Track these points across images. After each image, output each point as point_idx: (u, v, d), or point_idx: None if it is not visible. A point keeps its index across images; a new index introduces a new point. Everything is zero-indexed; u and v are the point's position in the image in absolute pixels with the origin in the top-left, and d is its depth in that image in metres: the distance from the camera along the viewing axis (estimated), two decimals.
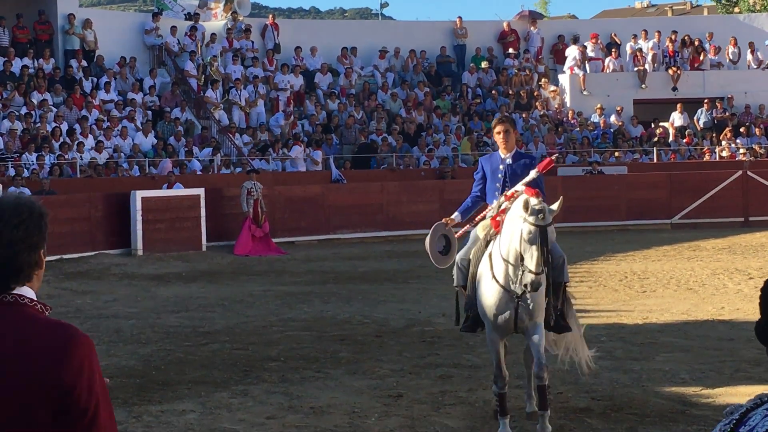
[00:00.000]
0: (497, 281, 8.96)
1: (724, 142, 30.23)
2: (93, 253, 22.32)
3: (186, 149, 26.29)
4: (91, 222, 22.71)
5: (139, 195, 23.10)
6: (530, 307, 8.93)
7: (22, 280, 3.27)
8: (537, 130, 29.96)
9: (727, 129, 30.53)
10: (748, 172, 28.08)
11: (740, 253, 22.34)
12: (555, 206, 8.65)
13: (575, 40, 31.97)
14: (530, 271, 8.52)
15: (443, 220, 9.94)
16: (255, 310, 16.20)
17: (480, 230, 9.41)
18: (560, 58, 32.41)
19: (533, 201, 8.59)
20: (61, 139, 24.86)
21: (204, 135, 26.91)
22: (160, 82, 28.34)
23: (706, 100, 31.07)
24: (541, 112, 30.80)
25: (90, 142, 25.30)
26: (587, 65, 31.62)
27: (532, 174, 9.18)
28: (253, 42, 30.20)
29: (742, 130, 30.51)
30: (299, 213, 25.38)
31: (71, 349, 3.19)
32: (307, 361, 12.32)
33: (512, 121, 10.06)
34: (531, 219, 8.52)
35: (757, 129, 30.59)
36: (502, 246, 8.88)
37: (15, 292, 3.26)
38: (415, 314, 15.51)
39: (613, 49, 32.04)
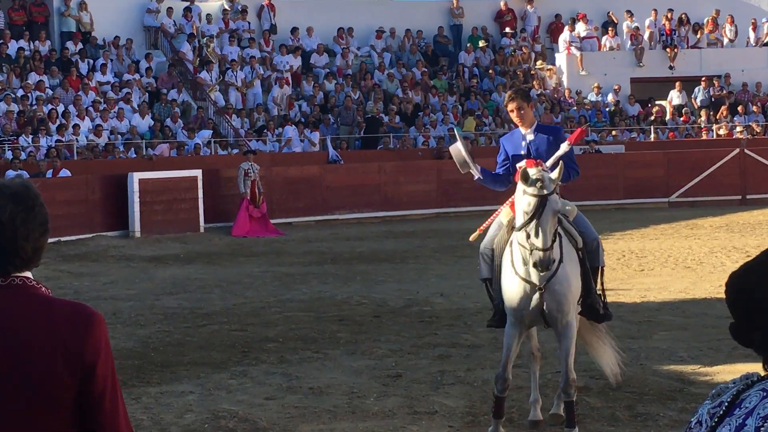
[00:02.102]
0: (516, 272, 8.24)
1: (721, 120, 30.21)
2: (90, 236, 22.31)
3: (186, 131, 26.25)
4: (88, 204, 22.69)
5: (136, 177, 23.07)
6: (557, 298, 8.17)
7: (35, 262, 3.30)
8: (534, 109, 29.91)
9: (724, 107, 30.51)
10: (746, 150, 28.06)
11: (738, 231, 22.35)
12: (554, 174, 7.98)
13: (572, 24, 31.84)
14: (537, 248, 7.82)
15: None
16: (253, 291, 16.21)
17: (504, 215, 8.64)
18: (557, 37, 32.35)
19: (531, 171, 7.96)
20: (58, 122, 24.82)
21: (200, 116, 26.86)
22: (156, 63, 28.27)
23: (703, 78, 31.03)
24: (538, 92, 30.76)
25: (87, 124, 25.27)
26: (581, 44, 31.54)
27: (564, 147, 8.42)
28: (249, 23, 30.12)
29: (739, 108, 30.48)
30: (297, 194, 25.37)
31: (92, 328, 3.24)
32: (305, 341, 12.34)
33: (525, 94, 8.94)
34: (530, 190, 7.87)
35: (754, 107, 30.57)
36: (518, 231, 8.13)
37: (21, 275, 3.27)
38: (414, 294, 15.52)
39: (610, 28, 31.99)
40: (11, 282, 3.25)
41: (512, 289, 8.28)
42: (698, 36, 32.03)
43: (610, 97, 30.73)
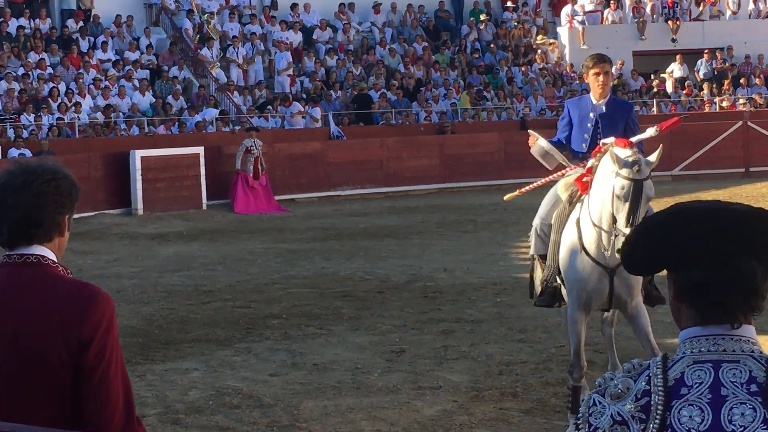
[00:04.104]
0: (587, 253, 7.81)
1: (724, 93, 30.13)
2: (93, 213, 22.30)
3: (189, 105, 26.22)
4: (90, 182, 22.64)
5: (138, 154, 23.07)
6: (629, 281, 7.77)
7: (41, 234, 3.40)
8: (536, 83, 29.86)
9: (727, 80, 30.41)
10: (749, 123, 28.00)
11: None
12: (653, 157, 7.50)
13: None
14: (624, 234, 7.24)
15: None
16: (256, 267, 16.21)
17: (562, 189, 8.23)
18: (559, 11, 32.23)
19: (625, 152, 7.47)
20: (59, 100, 24.79)
21: (201, 93, 26.81)
22: (156, 40, 28.20)
23: (705, 51, 30.92)
24: (540, 66, 30.68)
25: (88, 102, 25.23)
26: (586, 18, 31.43)
27: (651, 132, 8.00)
28: None
29: (742, 80, 30.39)
30: (299, 170, 25.35)
31: (92, 305, 3.34)
32: (309, 318, 12.35)
33: (611, 60, 8.56)
34: (624, 172, 7.38)
35: (757, 79, 30.47)
36: (593, 210, 7.72)
37: (37, 252, 3.39)
38: (417, 270, 15.52)
39: (612, 1, 31.86)
40: (26, 260, 3.39)
41: (582, 271, 7.87)
42: (700, 8, 31.91)
43: (613, 70, 30.61)
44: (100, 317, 3.34)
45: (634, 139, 7.93)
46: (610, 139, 7.77)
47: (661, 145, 7.78)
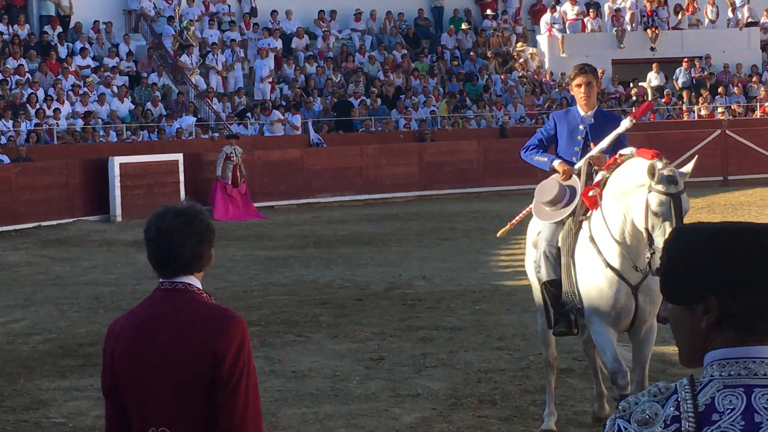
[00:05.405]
0: (612, 268, 7.39)
1: (702, 101, 30.24)
2: (71, 220, 22.22)
3: (168, 111, 26.17)
4: (69, 189, 22.59)
5: (117, 161, 22.99)
6: (653, 297, 7.39)
7: (195, 267, 4.04)
8: (516, 91, 29.92)
9: (704, 88, 30.53)
10: (727, 131, 28.11)
11: (720, 212, 22.39)
12: (687, 168, 7.29)
13: (553, 7, 31.79)
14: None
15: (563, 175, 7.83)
16: (235, 275, 16.17)
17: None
18: (539, 19, 32.31)
19: (659, 164, 7.05)
20: (37, 106, 24.70)
21: (181, 100, 26.75)
22: (136, 47, 28.13)
23: (684, 60, 31.04)
24: (520, 74, 30.73)
25: (66, 108, 25.14)
26: (568, 26, 31.51)
27: (626, 123, 7.71)
28: (229, 6, 30.01)
29: (720, 89, 30.52)
30: (279, 177, 25.32)
31: (227, 328, 3.91)
32: (288, 325, 12.32)
33: (594, 70, 8.06)
34: (660, 187, 7.02)
35: (735, 88, 30.61)
36: (612, 225, 7.35)
37: (185, 281, 4.01)
38: (396, 277, 15.51)
39: (592, 9, 31.96)
40: (175, 286, 4.01)
41: (609, 288, 7.45)
42: (679, 17, 32.04)
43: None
44: (233, 337, 3.90)
45: (606, 142, 7.72)
46: (629, 150, 7.44)
47: (696, 156, 7.53)
